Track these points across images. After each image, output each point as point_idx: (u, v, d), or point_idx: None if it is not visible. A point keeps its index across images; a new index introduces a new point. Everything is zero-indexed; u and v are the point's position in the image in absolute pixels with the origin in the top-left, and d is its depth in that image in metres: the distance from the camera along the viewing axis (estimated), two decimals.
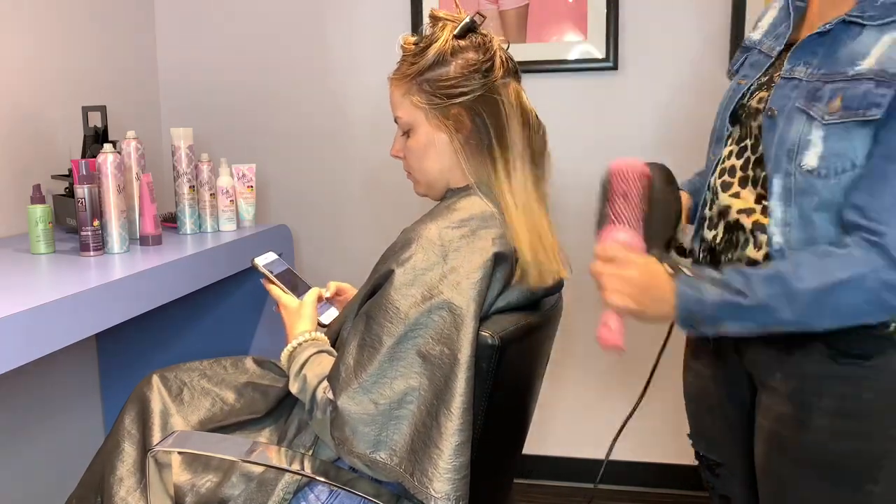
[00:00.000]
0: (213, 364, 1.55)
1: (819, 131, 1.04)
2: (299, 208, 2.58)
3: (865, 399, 1.06)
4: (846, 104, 1.01)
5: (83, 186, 1.66)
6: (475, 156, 1.27)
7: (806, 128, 1.05)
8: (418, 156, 1.31)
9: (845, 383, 1.07)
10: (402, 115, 1.30)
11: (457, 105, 1.25)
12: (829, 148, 1.03)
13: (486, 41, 1.28)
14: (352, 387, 1.14)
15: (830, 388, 1.07)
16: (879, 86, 0.99)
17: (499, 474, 1.37)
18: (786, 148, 1.07)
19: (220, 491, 1.30)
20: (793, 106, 1.08)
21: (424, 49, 1.26)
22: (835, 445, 1.08)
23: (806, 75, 1.09)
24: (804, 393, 1.10)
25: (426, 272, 1.16)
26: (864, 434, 1.06)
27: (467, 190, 1.28)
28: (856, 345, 1.05)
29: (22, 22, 2.02)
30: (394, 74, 1.30)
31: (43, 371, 2.10)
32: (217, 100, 2.58)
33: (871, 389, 1.05)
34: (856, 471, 1.08)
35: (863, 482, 1.07)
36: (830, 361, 1.07)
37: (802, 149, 1.05)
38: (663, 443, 2.43)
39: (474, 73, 1.25)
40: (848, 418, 1.07)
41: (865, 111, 0.99)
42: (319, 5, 2.47)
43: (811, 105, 1.05)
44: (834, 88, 1.03)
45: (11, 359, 1.22)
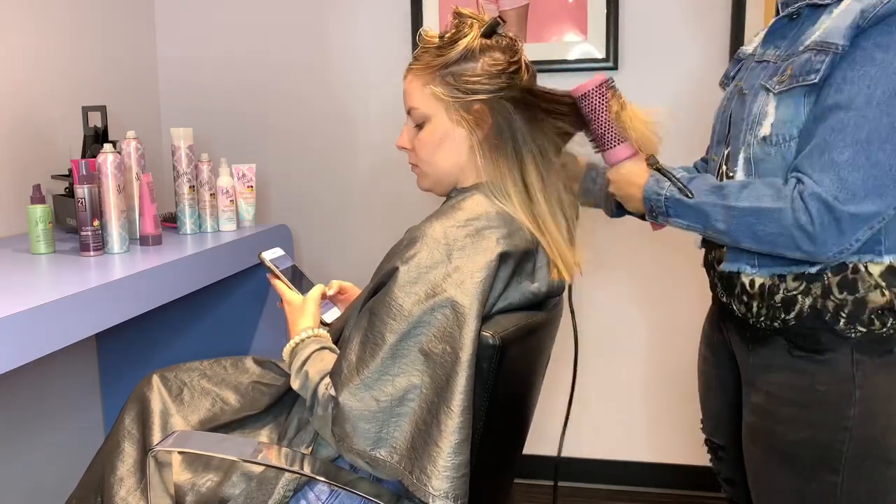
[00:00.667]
0: (214, 364, 1.55)
1: (773, 102, 1.13)
2: (299, 208, 2.58)
3: (819, 391, 1.13)
4: (793, 73, 1.11)
5: (83, 186, 1.66)
6: (492, 154, 1.27)
7: (764, 101, 1.15)
8: (430, 148, 1.30)
9: (802, 376, 1.15)
10: (419, 105, 1.29)
11: (480, 102, 1.25)
12: (778, 116, 1.12)
13: (513, 44, 1.29)
14: (354, 383, 1.14)
15: (789, 380, 1.16)
16: (818, 53, 1.08)
17: (499, 474, 1.37)
18: (749, 122, 1.17)
19: (221, 490, 1.30)
20: (758, 84, 1.18)
21: (451, 43, 1.26)
22: (793, 434, 1.16)
23: (774, 57, 1.19)
24: (769, 384, 1.19)
25: (430, 270, 1.16)
26: (818, 423, 1.14)
27: (474, 189, 1.28)
28: (810, 339, 1.14)
29: (22, 22, 2.02)
30: (414, 65, 1.30)
31: (43, 371, 2.10)
32: (217, 100, 2.58)
33: (825, 382, 1.13)
34: (812, 459, 1.15)
35: (818, 471, 1.15)
36: (788, 355, 1.16)
37: (760, 120, 1.15)
38: (665, 443, 2.43)
39: (501, 73, 1.26)
40: (804, 408, 1.15)
41: (805, 77, 1.09)
42: (320, 5, 2.47)
43: (770, 80, 1.16)
44: (786, 63, 1.14)
45: (11, 359, 1.22)
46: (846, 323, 1.11)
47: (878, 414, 1.12)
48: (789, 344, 1.16)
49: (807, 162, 1.08)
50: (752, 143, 1.16)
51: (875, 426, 1.12)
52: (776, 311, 1.16)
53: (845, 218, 1.04)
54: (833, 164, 1.05)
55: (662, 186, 1.21)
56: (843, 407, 1.12)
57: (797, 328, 1.15)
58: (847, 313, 1.11)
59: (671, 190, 1.20)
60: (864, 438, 1.13)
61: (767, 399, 1.20)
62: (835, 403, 1.13)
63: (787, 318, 1.15)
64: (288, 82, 2.53)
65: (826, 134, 1.06)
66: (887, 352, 1.12)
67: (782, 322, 1.16)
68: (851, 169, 1.04)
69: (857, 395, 1.12)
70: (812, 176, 1.06)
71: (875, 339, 1.12)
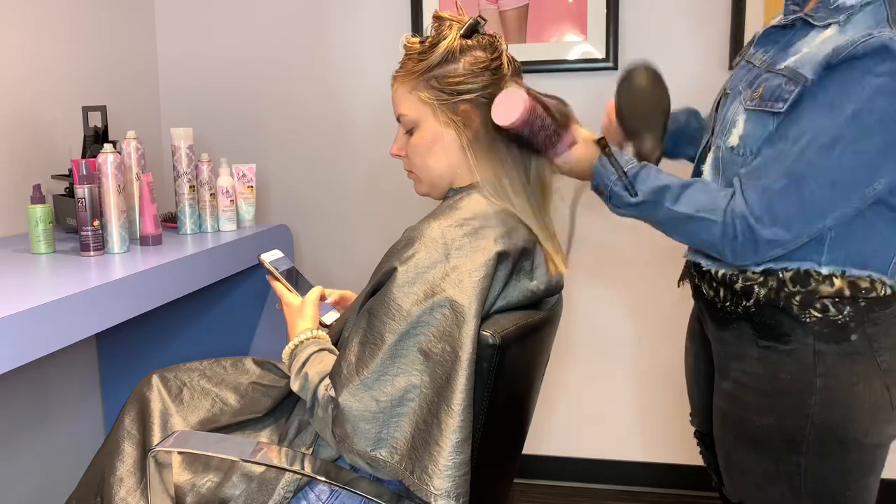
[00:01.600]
0: (213, 364, 1.55)
1: (742, 114, 1.18)
2: (299, 208, 2.58)
3: (782, 379, 1.18)
4: (763, 94, 1.15)
5: (83, 186, 1.66)
6: (483, 153, 1.28)
7: (737, 109, 1.20)
8: (422, 152, 1.31)
9: (766, 364, 1.20)
10: (407, 111, 1.30)
11: (466, 102, 1.26)
12: (746, 130, 1.17)
13: (493, 41, 1.29)
14: (353, 383, 1.14)
15: (755, 369, 1.21)
16: (789, 82, 1.11)
17: (499, 474, 1.37)
18: (722, 125, 1.23)
19: (221, 491, 1.30)
20: (739, 87, 1.22)
21: (432, 47, 1.27)
22: (759, 420, 1.21)
23: (759, 62, 1.22)
24: (737, 372, 1.24)
25: (428, 270, 1.16)
26: (782, 411, 1.19)
27: (470, 189, 1.29)
28: (773, 327, 1.18)
29: (22, 22, 2.02)
30: (398, 72, 1.31)
31: (43, 371, 2.10)
32: (217, 100, 2.58)
33: (788, 372, 1.17)
34: (778, 444, 1.20)
35: (787, 453, 1.19)
36: (755, 345, 1.21)
37: (730, 127, 1.20)
38: (665, 443, 2.44)
39: (483, 71, 1.26)
40: (769, 396, 1.20)
41: (773, 103, 1.12)
42: (320, 5, 2.48)
43: (745, 89, 1.20)
44: (763, 78, 1.17)
45: (11, 359, 1.22)
46: (799, 308, 1.16)
47: (839, 401, 1.16)
48: (755, 333, 1.20)
49: (746, 179, 1.14)
50: (722, 146, 1.22)
51: (836, 413, 1.16)
52: (738, 298, 1.22)
53: (762, 241, 1.12)
54: (766, 189, 1.11)
55: (609, 176, 1.25)
56: (805, 395, 1.16)
57: (758, 314, 1.20)
58: (799, 301, 1.16)
59: (616, 182, 1.24)
60: (824, 425, 1.17)
61: (736, 386, 1.24)
62: (797, 392, 1.17)
63: (748, 304, 1.20)
64: (288, 82, 2.53)
65: (769, 159, 1.12)
66: (845, 339, 1.15)
67: (744, 308, 1.21)
68: (781, 198, 1.10)
69: (817, 383, 1.16)
70: (745, 193, 1.13)
71: (833, 325, 1.15)
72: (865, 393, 1.16)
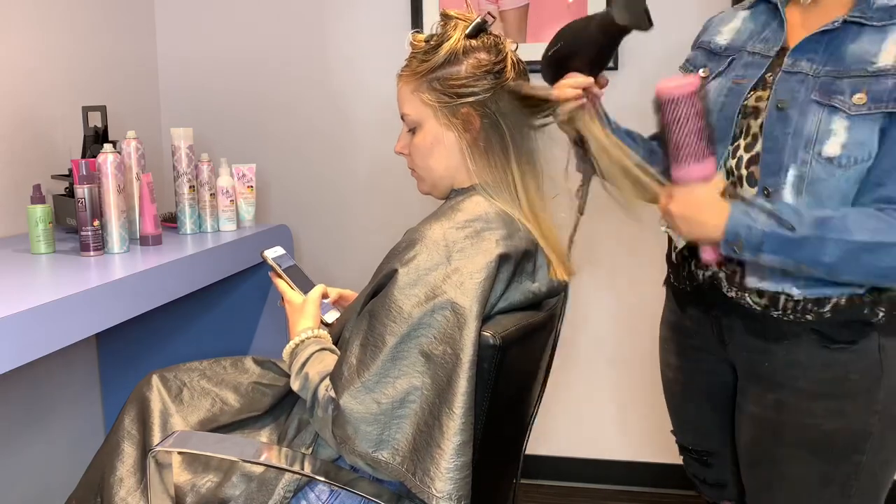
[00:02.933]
0: (213, 364, 1.55)
1: (844, 122, 1.10)
2: (299, 208, 2.58)
3: (852, 380, 1.16)
4: (872, 97, 1.09)
5: (83, 186, 1.66)
6: (482, 156, 1.27)
7: (826, 119, 1.11)
8: (423, 153, 1.31)
9: (834, 367, 1.16)
10: (410, 112, 1.30)
11: (466, 105, 1.25)
12: (852, 137, 1.10)
13: (498, 43, 1.28)
14: (354, 386, 1.14)
15: (821, 373, 1.17)
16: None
17: (500, 474, 1.37)
18: (803, 138, 1.13)
19: (221, 491, 1.30)
20: (806, 98, 1.14)
21: (436, 47, 1.26)
22: (825, 425, 1.18)
23: (812, 70, 1.15)
24: (798, 380, 1.19)
25: (430, 272, 1.16)
26: (850, 412, 1.17)
27: (472, 190, 1.28)
28: (845, 331, 1.15)
29: (22, 22, 2.02)
30: (403, 71, 1.30)
31: (43, 371, 2.10)
32: (217, 100, 2.58)
33: (857, 371, 1.15)
34: (843, 446, 1.18)
35: (850, 453, 1.18)
36: (820, 348, 1.17)
37: (823, 138, 1.11)
38: (664, 443, 2.43)
39: (486, 74, 1.25)
40: (837, 399, 1.17)
41: (891, 104, 1.08)
42: (320, 5, 2.47)
43: (831, 97, 1.12)
44: (854, 83, 1.11)
45: (11, 359, 1.22)
46: (870, 309, 1.14)
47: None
48: (822, 337, 1.16)
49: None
50: (810, 161, 1.12)
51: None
52: (808, 304, 1.16)
53: None
54: None
55: (754, 218, 1.11)
56: (874, 392, 1.16)
57: (831, 321, 1.15)
58: (886, 304, 1.15)
59: (767, 223, 1.10)
60: (889, 417, 1.17)
61: (797, 395, 1.19)
62: (866, 390, 1.16)
63: (822, 310, 1.15)
64: (288, 83, 2.53)
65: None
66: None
67: (816, 315, 1.16)
68: None
69: (883, 379, 1.16)
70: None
71: (893, 319, 1.15)
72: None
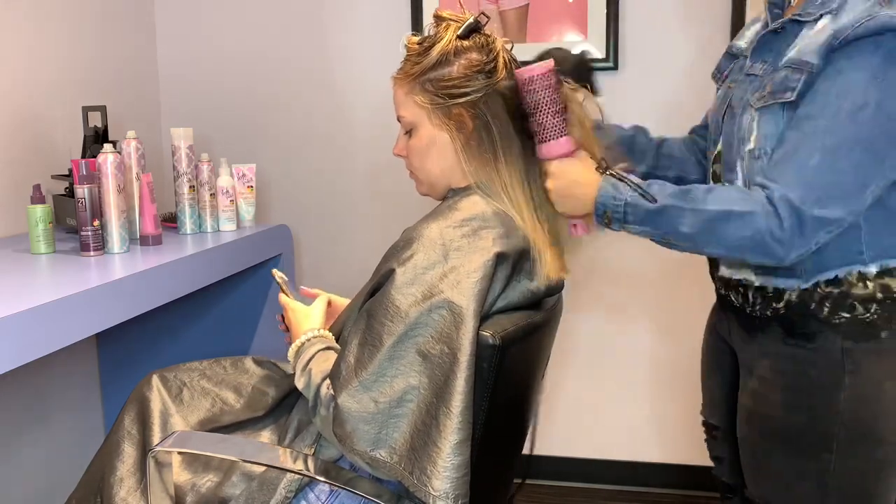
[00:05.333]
0: (213, 364, 1.55)
1: (756, 117, 1.18)
2: (299, 208, 2.58)
3: (810, 375, 1.18)
4: (771, 90, 1.15)
5: (83, 186, 1.66)
6: (476, 156, 1.27)
7: (749, 117, 1.19)
8: (420, 155, 1.31)
9: (794, 362, 1.20)
10: (405, 114, 1.30)
11: (459, 105, 1.25)
12: (761, 130, 1.17)
13: (489, 42, 1.28)
14: (352, 385, 1.14)
15: (784, 367, 1.21)
16: (794, 72, 1.12)
17: (499, 474, 1.37)
18: (739, 136, 1.21)
19: (221, 490, 1.30)
20: (745, 99, 1.22)
21: (428, 49, 1.26)
22: (789, 419, 1.21)
23: (762, 71, 1.22)
24: (766, 370, 1.24)
25: (427, 271, 1.16)
26: (810, 408, 1.19)
27: (469, 190, 1.28)
28: (800, 326, 1.18)
29: (22, 22, 2.02)
30: (397, 74, 1.31)
31: (43, 371, 2.10)
32: (217, 100, 2.58)
33: (816, 368, 1.18)
34: (808, 441, 1.19)
35: (818, 451, 1.19)
36: (782, 343, 1.21)
37: (748, 134, 1.19)
38: (665, 443, 2.44)
39: (477, 74, 1.25)
40: (795, 392, 1.20)
41: (782, 94, 1.13)
42: (320, 5, 2.47)
43: (753, 95, 1.19)
44: (768, 79, 1.18)
45: (11, 359, 1.22)
46: (830, 312, 1.16)
47: (868, 399, 1.17)
48: (784, 332, 1.20)
49: (775, 169, 1.11)
50: (745, 156, 1.20)
51: (865, 410, 1.17)
52: (769, 300, 1.21)
53: (809, 221, 1.07)
54: (801, 168, 1.08)
55: (621, 192, 1.18)
56: (834, 392, 1.17)
57: (787, 315, 1.19)
58: (830, 304, 1.16)
59: (632, 195, 1.17)
60: (854, 422, 1.17)
61: (763, 384, 1.24)
62: (826, 389, 1.17)
63: (778, 306, 1.20)
64: (288, 82, 2.53)
65: (796, 141, 1.10)
66: (874, 337, 1.16)
67: (773, 311, 1.21)
68: (818, 174, 1.07)
69: (846, 381, 1.16)
70: (779, 180, 1.09)
71: (861, 324, 1.15)
72: (893, 390, 1.16)
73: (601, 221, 1.21)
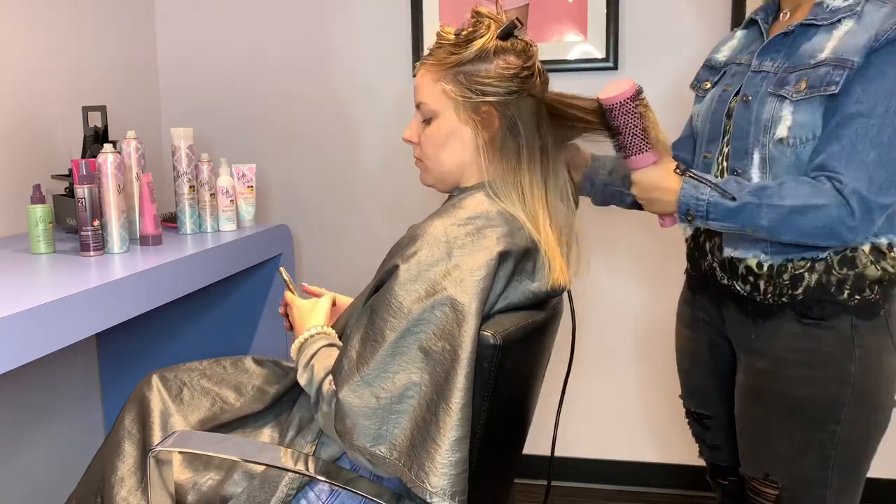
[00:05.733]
0: (213, 364, 1.55)
1: (789, 107, 1.28)
2: (299, 208, 2.58)
3: (824, 351, 1.30)
4: (810, 84, 1.26)
5: (83, 186, 1.66)
6: (496, 156, 1.27)
7: (777, 107, 1.29)
8: (436, 145, 1.31)
9: (809, 339, 1.31)
10: (429, 101, 1.29)
11: (489, 103, 1.25)
12: (796, 120, 1.27)
13: (528, 48, 1.29)
14: (354, 380, 1.14)
15: (798, 345, 1.32)
16: (836, 68, 1.24)
17: (499, 473, 1.37)
18: (761, 126, 1.31)
19: (222, 489, 1.30)
20: (764, 92, 1.32)
21: (466, 42, 1.26)
22: (801, 391, 1.31)
23: (773, 68, 1.33)
24: (777, 350, 1.34)
25: (430, 268, 1.17)
26: (822, 381, 1.30)
27: (476, 189, 1.29)
28: (816, 309, 1.30)
29: (22, 22, 2.02)
30: (429, 59, 1.30)
31: (43, 371, 2.10)
32: (217, 100, 2.58)
33: (829, 344, 1.30)
34: (817, 412, 1.31)
35: (825, 422, 1.31)
36: (797, 323, 1.31)
37: (775, 124, 1.29)
38: (665, 443, 2.44)
39: (513, 77, 1.26)
40: (810, 367, 1.31)
41: (826, 87, 1.24)
42: (320, 5, 2.47)
43: (781, 89, 1.30)
44: (799, 75, 1.29)
45: (11, 359, 1.22)
46: (849, 294, 1.29)
47: (872, 367, 1.30)
48: (797, 314, 1.31)
49: (836, 162, 1.23)
50: (767, 144, 1.30)
51: (871, 378, 1.30)
52: (784, 288, 1.32)
53: (876, 208, 1.22)
54: (862, 163, 1.21)
55: (701, 192, 1.28)
56: (846, 364, 1.29)
57: (804, 301, 1.30)
58: (850, 286, 1.28)
59: (711, 195, 1.27)
60: (863, 390, 1.30)
61: (775, 363, 1.34)
62: (838, 361, 1.29)
63: (795, 293, 1.31)
64: (288, 82, 2.53)
65: (852, 138, 1.22)
66: (875, 315, 1.30)
67: (790, 297, 1.31)
68: (877, 167, 1.21)
69: (856, 353, 1.29)
70: (844, 174, 1.21)
71: (867, 304, 1.29)
72: (887, 359, 1.31)
73: (684, 219, 1.31)
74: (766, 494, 1.38)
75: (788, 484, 1.35)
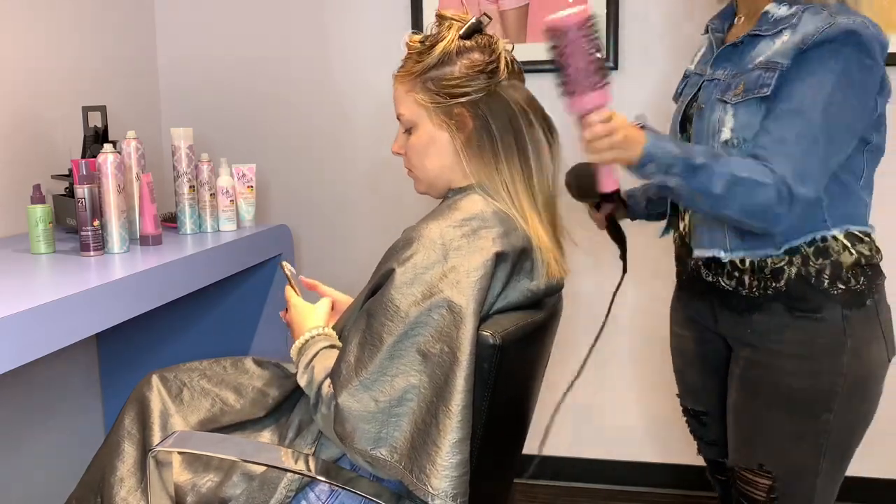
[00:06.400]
0: (213, 364, 1.55)
1: (731, 111, 1.33)
2: (299, 208, 2.58)
3: (818, 343, 1.33)
4: (746, 87, 1.32)
5: (83, 186, 1.66)
6: (476, 156, 1.28)
7: (722, 112, 1.35)
8: (419, 154, 1.31)
9: (803, 331, 1.33)
10: (405, 112, 1.30)
11: (460, 105, 1.26)
12: (737, 122, 1.32)
13: (491, 42, 1.29)
14: (353, 384, 1.14)
15: (791, 337, 1.34)
16: (767, 71, 1.30)
17: (499, 473, 1.37)
18: (710, 130, 1.36)
19: (222, 490, 1.30)
20: (714, 98, 1.38)
21: (430, 48, 1.27)
22: (797, 383, 1.34)
23: (723, 76, 1.39)
24: (771, 342, 1.36)
25: (426, 271, 1.17)
26: (817, 372, 1.33)
27: (469, 190, 1.29)
28: (805, 302, 1.33)
29: (22, 22, 2.02)
30: (398, 72, 1.31)
31: (43, 371, 2.10)
32: (217, 100, 2.58)
33: (822, 336, 1.33)
34: (812, 403, 1.34)
35: (818, 412, 1.34)
36: (789, 315, 1.34)
37: (720, 127, 1.35)
38: (665, 443, 2.44)
39: (479, 74, 1.26)
40: (805, 359, 1.33)
41: (759, 89, 1.30)
42: (320, 5, 2.47)
43: (725, 94, 1.35)
44: (738, 80, 1.35)
45: (11, 359, 1.22)
46: (829, 283, 1.32)
47: (863, 357, 1.34)
48: (788, 308, 1.34)
49: (766, 153, 1.26)
50: (716, 146, 1.34)
51: (863, 368, 1.34)
52: (767, 281, 1.35)
53: (799, 199, 1.25)
54: (790, 155, 1.25)
55: (667, 144, 1.28)
56: (839, 355, 1.32)
57: (789, 293, 1.33)
58: (828, 275, 1.32)
59: (679, 148, 1.27)
60: (855, 379, 1.33)
61: (770, 355, 1.36)
62: (832, 352, 1.33)
63: (779, 285, 1.34)
64: (288, 82, 2.53)
65: (782, 132, 1.27)
66: (863, 305, 1.33)
67: (774, 289, 1.34)
68: (803, 159, 1.25)
69: (848, 343, 1.32)
70: (774, 164, 1.25)
71: (854, 294, 1.32)
72: (876, 349, 1.35)
73: (639, 171, 1.28)
74: (758, 485, 1.39)
75: (782, 474, 1.37)
